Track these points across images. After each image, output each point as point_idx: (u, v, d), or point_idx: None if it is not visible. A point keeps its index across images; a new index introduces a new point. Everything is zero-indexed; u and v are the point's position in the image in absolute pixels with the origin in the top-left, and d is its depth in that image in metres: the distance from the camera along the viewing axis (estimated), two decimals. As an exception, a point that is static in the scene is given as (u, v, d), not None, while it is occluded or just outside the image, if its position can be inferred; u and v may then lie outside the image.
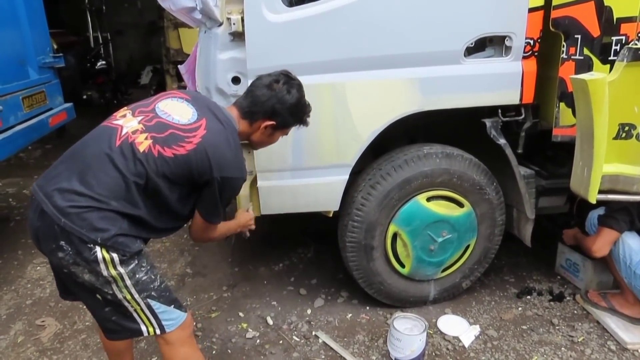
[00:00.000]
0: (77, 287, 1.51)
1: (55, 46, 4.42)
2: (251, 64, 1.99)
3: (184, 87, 2.90)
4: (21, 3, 3.43)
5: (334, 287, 2.75)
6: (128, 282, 1.43)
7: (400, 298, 2.49)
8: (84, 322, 2.49)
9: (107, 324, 1.55)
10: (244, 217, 1.96)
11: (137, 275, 1.45)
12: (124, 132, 1.45)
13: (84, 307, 2.60)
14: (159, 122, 1.48)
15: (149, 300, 1.48)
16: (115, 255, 1.39)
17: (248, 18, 1.94)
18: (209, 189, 1.52)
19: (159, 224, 1.53)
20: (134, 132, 1.45)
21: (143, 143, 1.43)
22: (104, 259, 1.38)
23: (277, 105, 1.63)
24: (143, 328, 1.51)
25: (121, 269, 1.41)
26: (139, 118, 1.49)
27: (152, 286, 1.48)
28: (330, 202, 2.25)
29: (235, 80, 2.05)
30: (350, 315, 2.51)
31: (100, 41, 9.51)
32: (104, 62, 8.20)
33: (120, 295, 1.45)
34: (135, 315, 1.49)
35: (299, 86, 1.69)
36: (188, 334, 1.60)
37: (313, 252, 3.17)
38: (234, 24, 1.96)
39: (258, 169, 2.14)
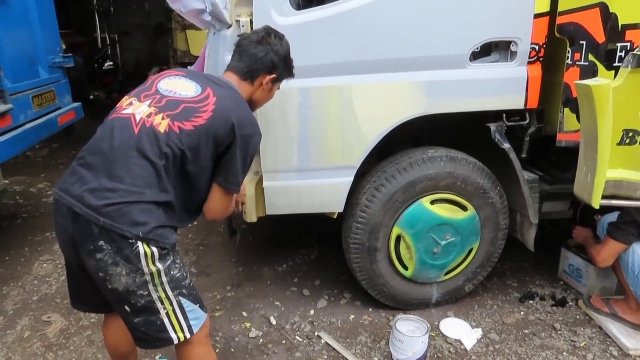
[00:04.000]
0: (109, 295, 1.44)
1: (64, 46, 4.47)
2: (259, 65, 2.01)
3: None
4: (33, 3, 3.48)
5: (337, 289, 2.77)
6: (164, 279, 1.42)
7: (403, 300, 2.50)
8: (89, 319, 2.51)
9: (137, 333, 1.49)
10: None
11: (172, 272, 1.44)
12: (138, 119, 1.43)
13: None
14: (168, 100, 1.49)
15: (180, 297, 1.46)
16: (155, 250, 1.38)
17: (257, 20, 1.97)
18: (231, 153, 1.52)
19: (187, 207, 1.54)
20: (149, 116, 1.44)
21: (162, 123, 1.42)
22: (145, 253, 1.37)
23: (275, 58, 1.67)
24: (173, 335, 1.47)
25: (159, 265, 1.40)
26: (147, 102, 1.49)
27: (183, 283, 1.48)
28: (334, 204, 2.27)
29: (243, 82, 2.07)
30: (353, 316, 2.53)
31: (108, 42, 9.58)
32: (111, 63, 8.28)
33: (155, 295, 1.42)
34: (165, 320, 1.45)
35: (285, 37, 1.74)
36: (206, 334, 1.59)
37: (316, 253, 3.18)
38: (242, 26, 1.99)
39: (264, 169, 2.17)
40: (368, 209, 2.27)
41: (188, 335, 1.49)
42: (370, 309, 2.57)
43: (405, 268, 2.41)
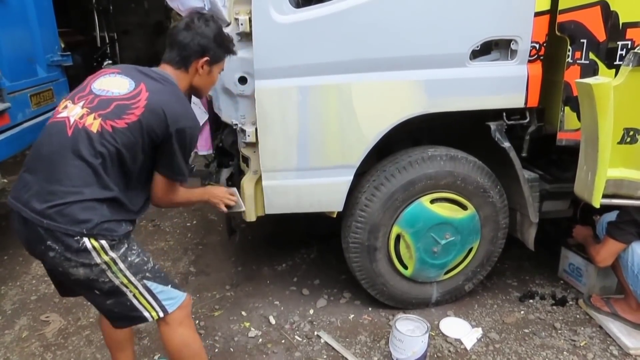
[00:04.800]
0: (75, 285, 1.54)
1: (62, 45, 4.45)
2: (258, 64, 2.01)
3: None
4: (31, 2, 3.46)
5: (337, 288, 2.76)
6: (121, 266, 1.47)
7: (403, 299, 2.50)
8: (88, 319, 2.51)
9: (111, 314, 1.59)
10: (218, 190, 2.00)
11: (130, 259, 1.50)
12: (72, 122, 1.47)
13: (88, 303, 2.63)
14: (100, 100, 1.51)
15: (145, 281, 1.52)
16: (104, 242, 1.44)
17: (256, 19, 1.96)
18: (167, 145, 1.53)
19: (134, 200, 1.56)
20: (81, 118, 1.47)
21: (94, 124, 1.45)
22: (93, 247, 1.42)
23: (203, 41, 1.64)
24: (146, 314, 1.55)
25: (112, 254, 1.45)
26: (81, 103, 1.51)
27: (145, 267, 1.53)
28: (334, 203, 2.26)
29: (242, 80, 2.06)
30: (352, 315, 2.52)
31: (107, 41, 9.54)
32: (110, 62, 8.23)
33: (117, 282, 1.48)
34: (135, 301, 1.52)
35: (213, 18, 1.73)
36: (186, 314, 1.64)
37: (316, 252, 3.18)
38: (241, 24, 1.97)
39: (263, 168, 2.16)
40: (368, 208, 2.26)
41: (161, 314, 1.56)
42: (370, 309, 2.56)
43: (405, 267, 2.40)
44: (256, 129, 2.10)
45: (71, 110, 1.50)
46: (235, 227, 2.87)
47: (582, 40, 2.01)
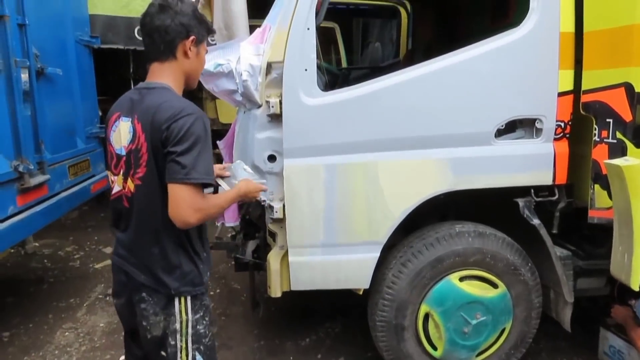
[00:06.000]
0: (148, 345, 1.62)
1: (100, 113, 4.70)
2: (287, 143, 2.08)
3: (219, 155, 2.98)
4: (76, 78, 3.71)
5: (363, 367, 2.65)
6: (190, 331, 1.58)
7: (433, 382, 2.37)
8: (108, 395, 2.46)
9: None
10: (249, 184, 1.76)
11: (198, 327, 1.59)
12: (123, 194, 1.57)
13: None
14: (124, 160, 1.53)
15: (196, 352, 1.60)
16: (189, 298, 1.56)
17: (286, 101, 2.06)
18: (168, 146, 1.41)
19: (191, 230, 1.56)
20: (124, 187, 1.56)
21: (131, 187, 1.52)
22: (179, 302, 1.56)
23: (184, 19, 1.50)
24: None
25: (190, 315, 1.57)
26: (119, 171, 1.56)
27: (203, 340, 1.61)
28: (360, 280, 2.23)
29: (271, 158, 2.13)
30: (379, 399, 2.40)
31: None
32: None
33: (179, 344, 1.58)
34: None
35: None
36: None
37: (341, 326, 3.08)
38: (272, 106, 2.07)
39: (290, 244, 2.17)
40: (395, 285, 2.22)
41: None
42: (398, 391, 2.44)
43: (435, 348, 2.30)
44: (284, 206, 2.13)
45: (118, 183, 1.59)
46: (259, 300, 2.83)
47: (607, 120, 2.02)
